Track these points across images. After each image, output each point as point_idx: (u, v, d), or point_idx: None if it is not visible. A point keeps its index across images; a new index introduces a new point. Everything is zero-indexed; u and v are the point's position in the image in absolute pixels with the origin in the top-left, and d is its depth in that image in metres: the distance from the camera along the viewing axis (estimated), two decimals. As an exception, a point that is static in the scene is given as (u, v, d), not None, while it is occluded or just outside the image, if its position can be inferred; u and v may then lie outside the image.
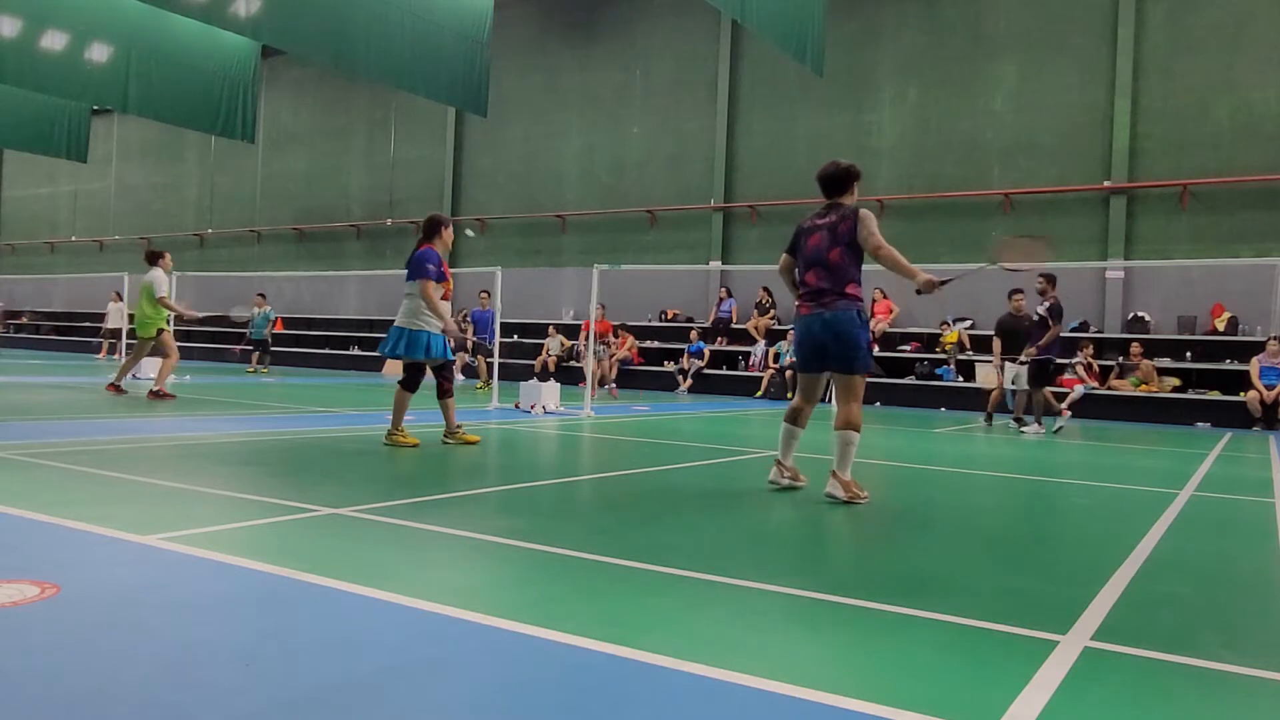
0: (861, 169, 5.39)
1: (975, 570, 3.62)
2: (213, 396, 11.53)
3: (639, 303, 19.98)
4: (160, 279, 10.80)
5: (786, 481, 5.36)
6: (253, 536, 3.59)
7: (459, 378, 16.08)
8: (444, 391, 7.10)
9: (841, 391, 5.13)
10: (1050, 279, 10.99)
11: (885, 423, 11.69)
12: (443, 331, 6.97)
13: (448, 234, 7.16)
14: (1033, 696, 2.14)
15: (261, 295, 20.61)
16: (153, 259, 11.02)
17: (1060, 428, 11.14)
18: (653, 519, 4.39)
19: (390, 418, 6.94)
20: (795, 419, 5.37)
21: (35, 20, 14.95)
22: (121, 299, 24.29)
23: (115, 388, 10.89)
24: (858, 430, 5.03)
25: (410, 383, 7.02)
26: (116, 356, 22.55)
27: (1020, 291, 11.49)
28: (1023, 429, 10.97)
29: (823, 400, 5.98)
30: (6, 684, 1.98)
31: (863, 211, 5.09)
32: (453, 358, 7.20)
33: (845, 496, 4.93)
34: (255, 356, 19.78)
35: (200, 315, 13.08)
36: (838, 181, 5.24)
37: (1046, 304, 10.90)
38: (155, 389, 10.37)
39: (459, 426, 7.13)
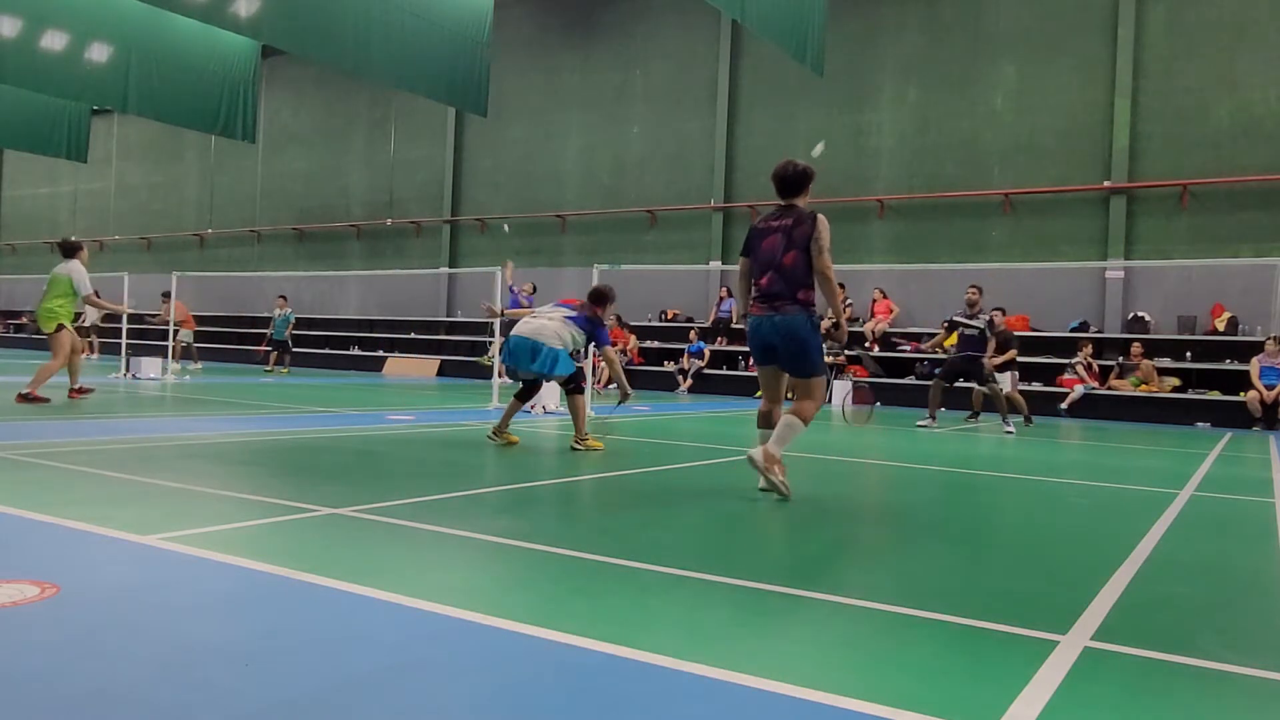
0: (815, 171, 5.33)
1: (976, 570, 3.62)
2: (213, 396, 11.53)
3: (639, 303, 19.97)
4: (84, 275, 9.68)
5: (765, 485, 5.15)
6: (253, 536, 3.59)
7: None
8: (528, 395, 7.76)
9: (802, 392, 5.20)
10: (980, 288, 11.40)
11: (885, 423, 11.68)
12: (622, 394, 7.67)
13: (605, 311, 7.53)
14: (1033, 696, 2.14)
15: (283, 297, 20.74)
16: (72, 251, 9.79)
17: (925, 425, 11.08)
18: (653, 519, 4.39)
19: (576, 423, 7.28)
20: (768, 422, 5.30)
21: (35, 20, 14.94)
22: (99, 298, 24.39)
23: (77, 391, 9.79)
24: (805, 422, 5.07)
25: (578, 385, 7.48)
26: (95, 356, 22.63)
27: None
28: (1007, 429, 10.95)
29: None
30: (6, 684, 1.98)
31: (820, 217, 5.09)
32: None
33: (763, 466, 4.91)
34: (274, 357, 19.99)
35: (130, 310, 12.48)
36: (795, 182, 5.20)
37: (987, 317, 11.28)
38: (26, 391, 9.12)
39: (588, 435, 7.34)
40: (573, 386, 7.40)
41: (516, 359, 7.13)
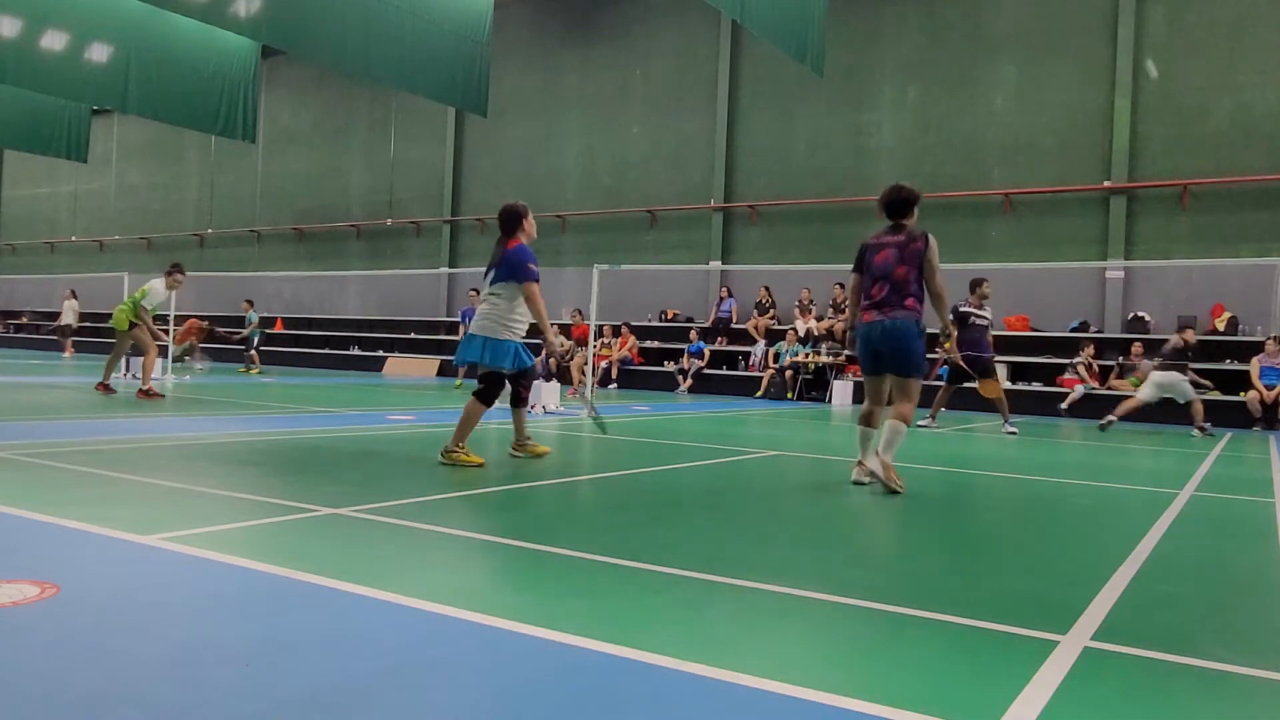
0: (921, 193, 5.81)
1: (976, 570, 3.62)
2: (212, 396, 11.53)
3: (639, 303, 19.98)
4: (160, 293, 10.98)
5: (869, 480, 5.56)
6: (253, 536, 3.58)
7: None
8: (519, 400, 6.37)
9: (900, 392, 5.60)
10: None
11: (885, 423, 11.67)
12: (545, 346, 6.23)
13: (530, 225, 6.17)
14: (1033, 696, 2.14)
15: (249, 301, 20.87)
16: (168, 271, 11.20)
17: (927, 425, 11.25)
18: (653, 519, 4.39)
19: (456, 430, 5.98)
20: (869, 421, 5.74)
21: (35, 20, 14.94)
22: (75, 297, 24.75)
23: (104, 387, 10.93)
24: (907, 424, 5.49)
25: (488, 395, 6.07)
26: (69, 354, 22.82)
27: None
28: (1009, 429, 10.94)
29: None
30: (6, 684, 1.98)
31: (932, 238, 5.57)
32: (531, 364, 6.30)
33: (884, 478, 5.28)
34: (249, 358, 20.07)
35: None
36: (903, 205, 5.70)
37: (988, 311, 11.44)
38: (144, 387, 10.45)
39: (529, 437, 6.46)
40: (519, 392, 6.26)
41: (465, 356, 6.16)
